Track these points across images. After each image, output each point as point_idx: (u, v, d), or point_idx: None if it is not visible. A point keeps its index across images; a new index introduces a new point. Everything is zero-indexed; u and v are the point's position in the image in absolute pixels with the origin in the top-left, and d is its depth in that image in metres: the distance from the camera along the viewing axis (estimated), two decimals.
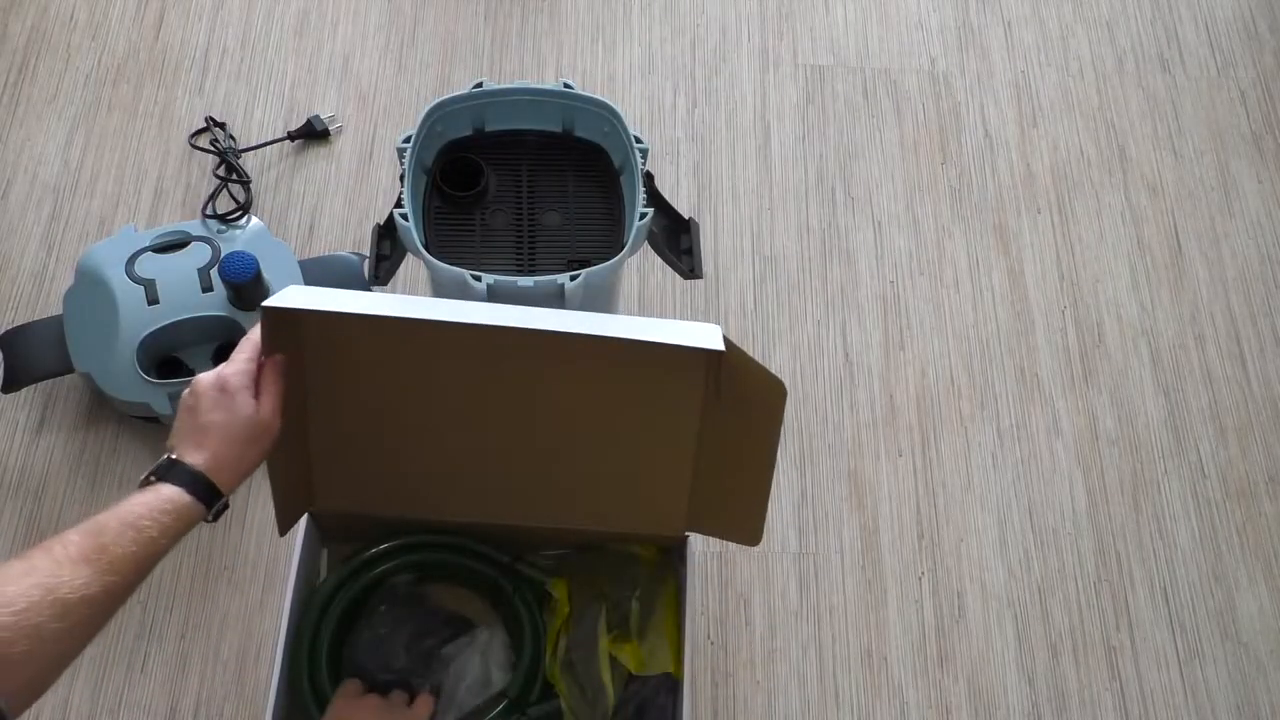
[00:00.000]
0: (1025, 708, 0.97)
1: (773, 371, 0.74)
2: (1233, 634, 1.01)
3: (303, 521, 0.89)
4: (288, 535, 0.86)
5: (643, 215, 0.83)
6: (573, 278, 0.81)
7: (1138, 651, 1.00)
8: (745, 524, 0.85)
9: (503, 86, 0.88)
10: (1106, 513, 1.05)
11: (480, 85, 0.88)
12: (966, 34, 1.29)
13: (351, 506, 0.89)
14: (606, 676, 0.87)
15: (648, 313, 1.11)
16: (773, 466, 0.80)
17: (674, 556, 0.93)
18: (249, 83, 1.20)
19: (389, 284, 0.92)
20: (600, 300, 0.89)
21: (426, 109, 0.86)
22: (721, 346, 0.70)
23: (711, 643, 0.98)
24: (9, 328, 1.02)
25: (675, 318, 1.11)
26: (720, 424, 0.79)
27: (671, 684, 0.88)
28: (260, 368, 0.72)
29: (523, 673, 0.88)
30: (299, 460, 0.84)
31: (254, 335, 0.74)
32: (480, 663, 0.88)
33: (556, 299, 0.82)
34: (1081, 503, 1.05)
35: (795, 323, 1.12)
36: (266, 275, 1.00)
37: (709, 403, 0.79)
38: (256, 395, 0.71)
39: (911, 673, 0.98)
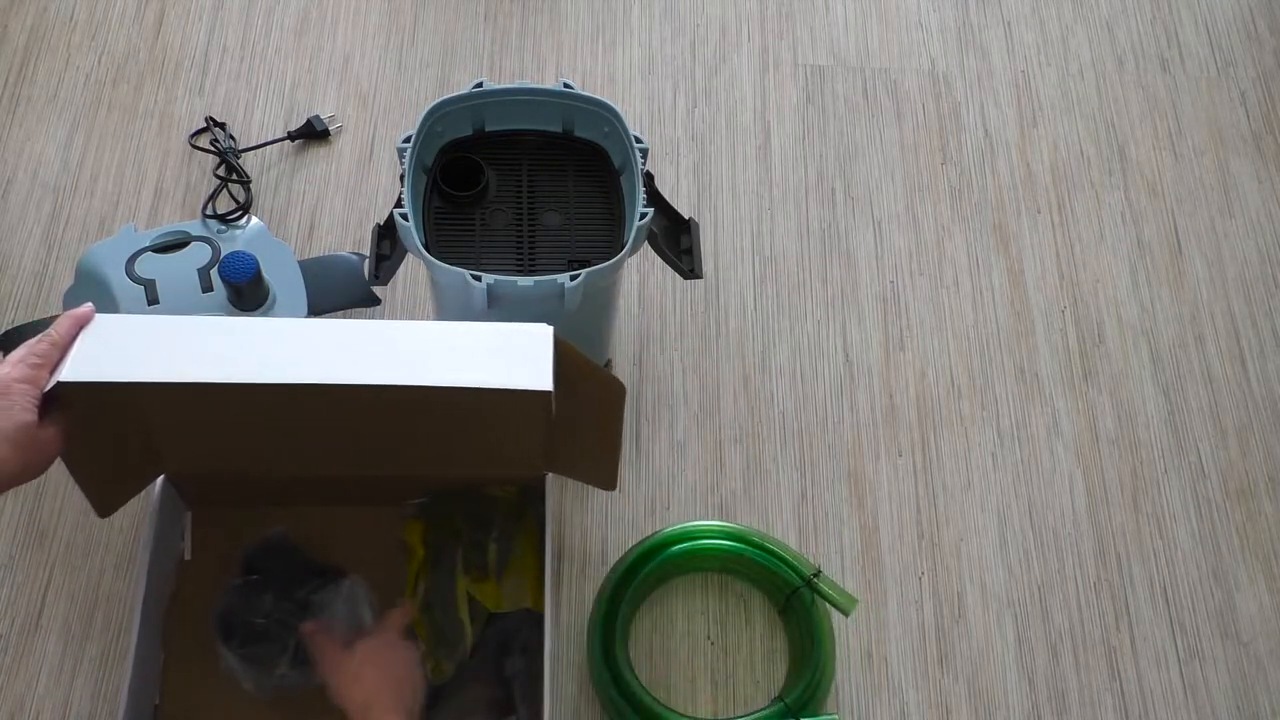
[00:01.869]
0: (1025, 708, 0.97)
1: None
2: (1233, 634, 1.01)
3: (158, 486, 0.89)
4: (150, 499, 0.87)
5: (643, 215, 0.83)
6: (573, 278, 0.81)
7: (1138, 651, 1.00)
8: (601, 473, 0.90)
9: (503, 86, 0.88)
10: (1106, 513, 1.05)
11: (480, 85, 0.88)
12: (966, 34, 1.29)
13: (206, 468, 0.89)
14: (464, 615, 0.90)
15: (648, 312, 1.11)
16: (620, 431, 0.86)
17: (533, 495, 0.94)
18: (249, 83, 1.20)
19: (389, 284, 0.92)
20: (600, 300, 0.90)
21: (426, 109, 0.86)
22: (548, 385, 0.71)
23: (711, 643, 0.98)
24: (8, 328, 1.02)
25: (675, 318, 1.11)
26: (567, 408, 0.80)
27: (535, 618, 0.90)
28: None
29: (804, 682, 0.92)
30: (137, 432, 0.84)
31: (56, 331, 0.72)
32: (346, 607, 0.90)
33: (556, 299, 0.82)
34: (1081, 503, 1.05)
35: (795, 323, 1.12)
36: (266, 275, 1.00)
37: (548, 416, 0.80)
38: (43, 405, 0.69)
39: (911, 673, 0.98)
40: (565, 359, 0.76)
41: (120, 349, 0.74)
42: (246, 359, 0.74)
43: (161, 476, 0.90)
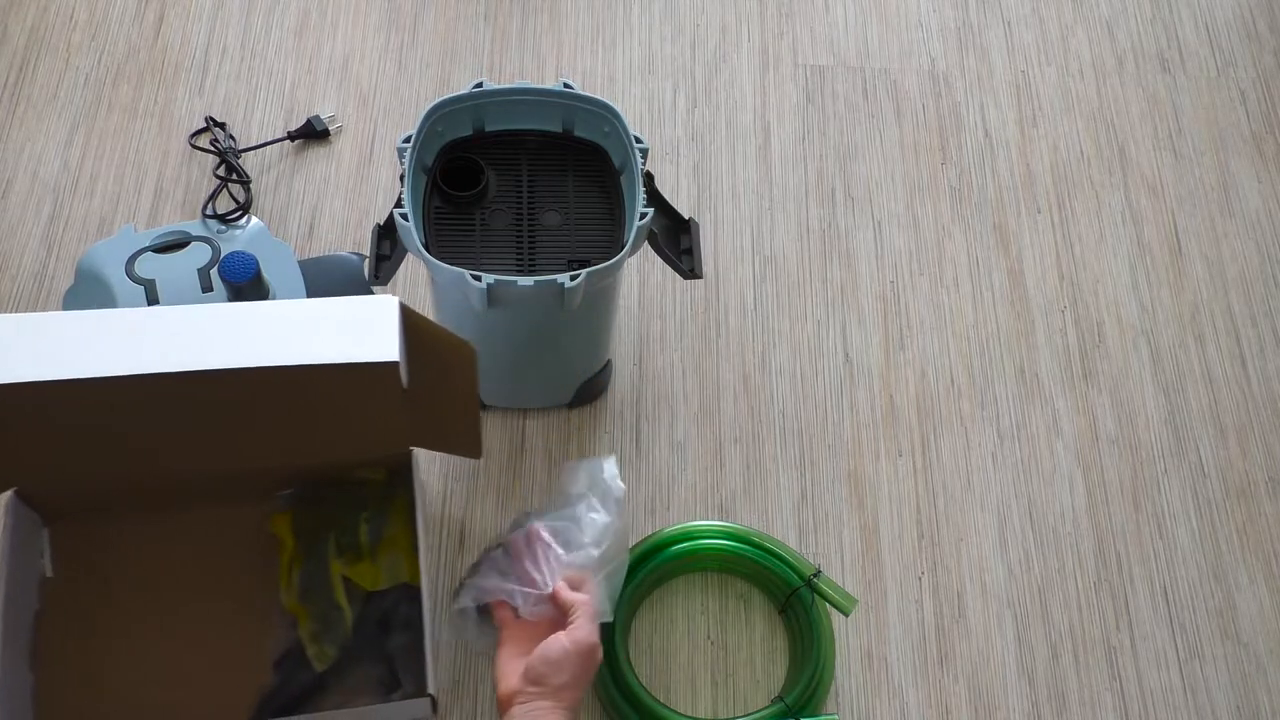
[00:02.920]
0: (1025, 708, 0.97)
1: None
2: (1233, 634, 1.01)
3: (6, 502, 0.87)
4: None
5: (643, 215, 0.83)
6: (573, 278, 0.81)
7: (1138, 651, 1.00)
8: (466, 442, 0.90)
9: (503, 86, 0.88)
10: (1106, 513, 1.05)
11: (480, 85, 0.88)
12: (966, 34, 1.29)
13: (56, 478, 0.86)
14: (341, 598, 0.90)
15: (648, 312, 1.11)
16: (476, 395, 0.86)
17: (400, 479, 0.94)
18: (249, 83, 1.20)
19: (389, 284, 0.92)
20: (600, 300, 0.90)
21: (426, 109, 0.86)
22: (394, 356, 0.70)
23: (711, 642, 0.98)
24: None
25: (675, 318, 1.11)
26: (421, 378, 0.80)
27: (414, 593, 0.90)
28: None
29: (804, 682, 0.92)
30: None
31: None
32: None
33: (556, 299, 0.82)
34: (1081, 503, 1.05)
35: (795, 323, 1.12)
36: (266, 275, 1.00)
37: (401, 388, 0.78)
38: None
39: (911, 673, 0.98)
40: (414, 328, 0.74)
41: None
42: (77, 354, 0.71)
43: (9, 492, 0.87)
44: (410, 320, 0.75)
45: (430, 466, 1.03)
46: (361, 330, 0.73)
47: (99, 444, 0.83)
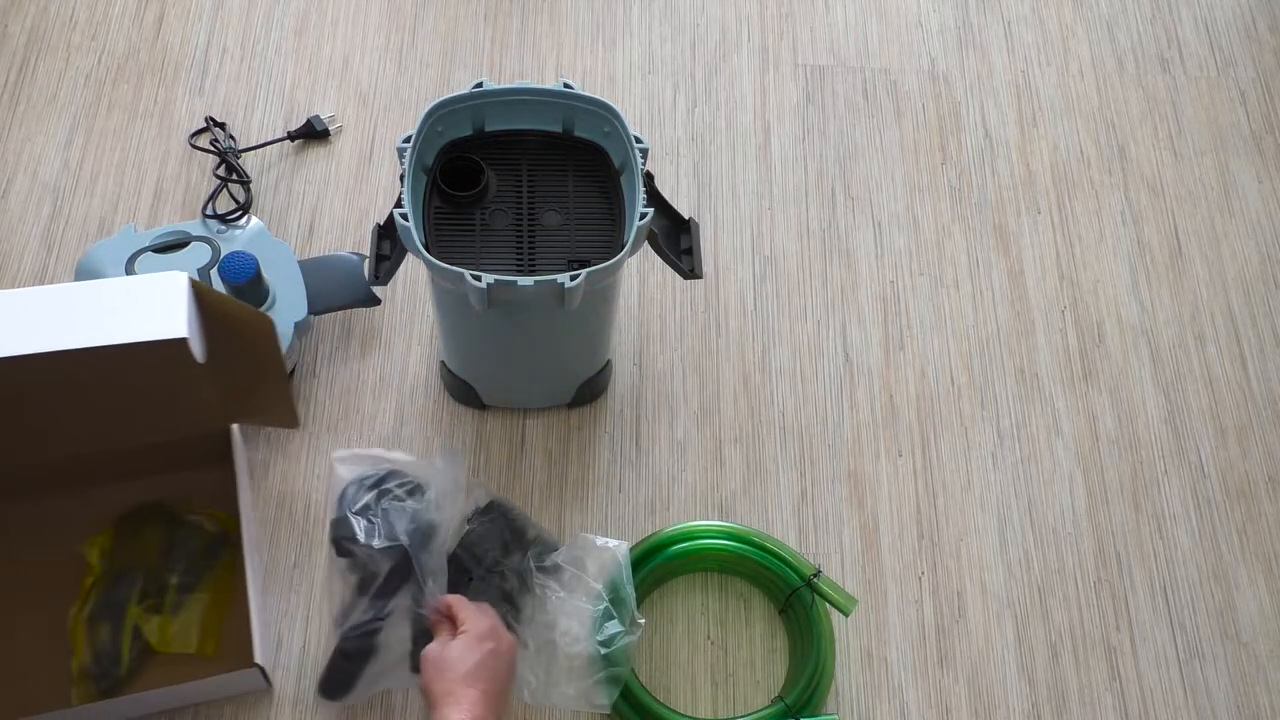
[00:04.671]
0: (1025, 708, 0.97)
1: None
2: (1233, 634, 1.01)
3: None
4: None
5: (643, 215, 0.83)
6: (573, 278, 0.81)
7: (1138, 651, 1.00)
8: (281, 413, 0.90)
9: (503, 86, 0.88)
10: (1106, 513, 1.05)
11: (480, 85, 0.88)
12: (966, 34, 1.29)
13: None
14: (126, 647, 0.89)
15: (648, 312, 1.11)
16: (283, 363, 0.87)
17: (234, 536, 0.93)
18: (249, 83, 1.20)
19: (389, 284, 0.92)
20: (600, 300, 0.89)
21: (426, 109, 0.86)
22: (183, 332, 0.70)
23: (711, 643, 0.98)
24: None
25: (675, 318, 1.11)
26: (224, 354, 0.80)
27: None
28: None
29: (804, 682, 0.91)
30: None
31: None
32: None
33: (556, 299, 0.82)
34: (1081, 503, 1.05)
35: (795, 323, 1.12)
36: (266, 275, 1.00)
37: (198, 364, 0.78)
38: None
39: (911, 673, 0.98)
40: (208, 304, 0.73)
41: None
42: None
43: None
44: (204, 296, 0.74)
45: (430, 464, 1.02)
46: (150, 309, 0.73)
47: None
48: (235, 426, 0.94)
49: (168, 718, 0.91)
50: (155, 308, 0.73)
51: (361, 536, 0.91)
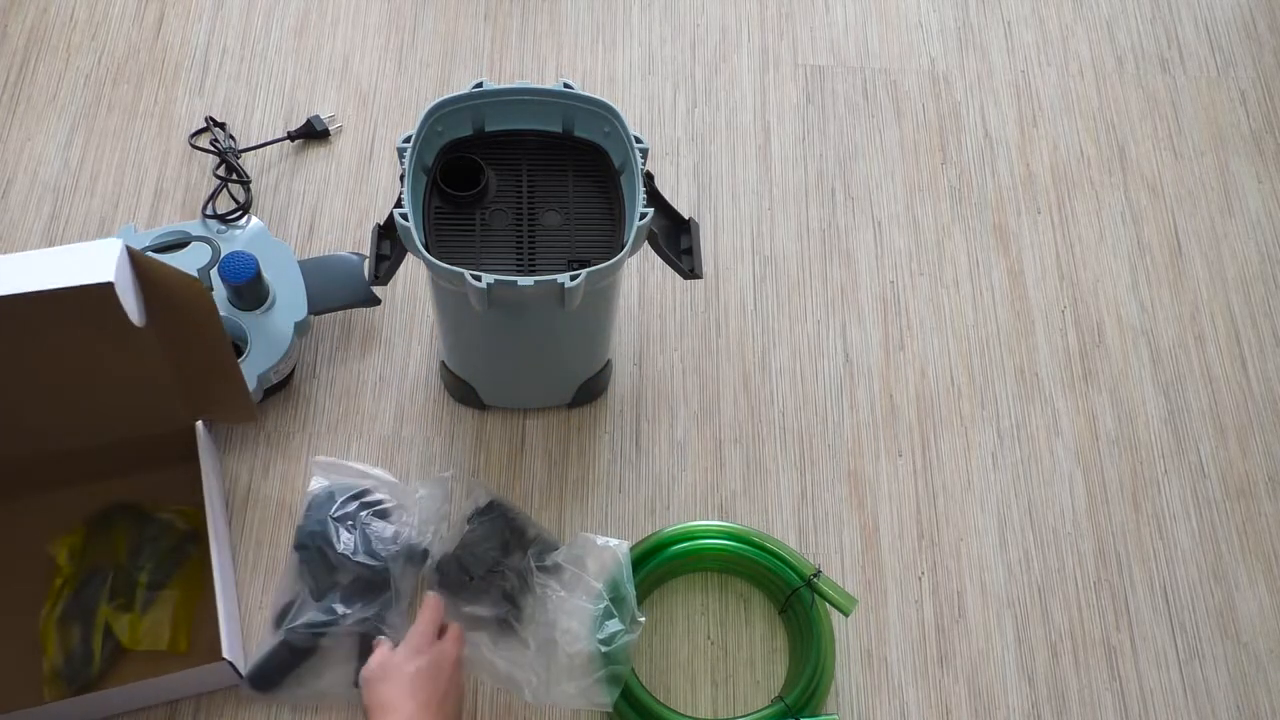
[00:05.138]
0: (1025, 708, 0.97)
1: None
2: (1233, 634, 1.01)
3: None
4: None
5: (643, 215, 0.83)
6: (573, 278, 0.81)
7: (1138, 651, 1.00)
8: (236, 405, 0.91)
9: (503, 86, 0.88)
10: (1106, 513, 1.05)
11: (480, 85, 0.88)
12: (966, 34, 1.29)
13: None
14: (98, 646, 0.89)
15: (648, 312, 1.11)
16: (228, 342, 0.87)
17: (203, 536, 0.93)
18: (249, 83, 1.20)
19: (389, 284, 0.92)
20: (600, 300, 0.89)
21: (426, 109, 0.86)
22: (109, 276, 0.71)
23: (711, 643, 0.98)
24: None
25: (675, 318, 1.11)
26: (169, 328, 0.80)
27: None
28: None
29: (804, 682, 0.92)
30: None
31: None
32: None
33: (556, 299, 0.82)
34: (1081, 503, 1.05)
35: (795, 323, 1.12)
36: (266, 275, 1.00)
37: (129, 322, 0.78)
38: None
39: (911, 673, 0.98)
40: (144, 270, 0.74)
41: None
42: None
43: None
44: (139, 262, 0.75)
45: (429, 469, 1.03)
46: (82, 263, 0.73)
47: None
48: (200, 424, 0.95)
49: (140, 714, 0.91)
50: (87, 262, 0.73)
51: (340, 545, 0.92)
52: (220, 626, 0.87)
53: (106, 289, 0.72)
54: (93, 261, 0.73)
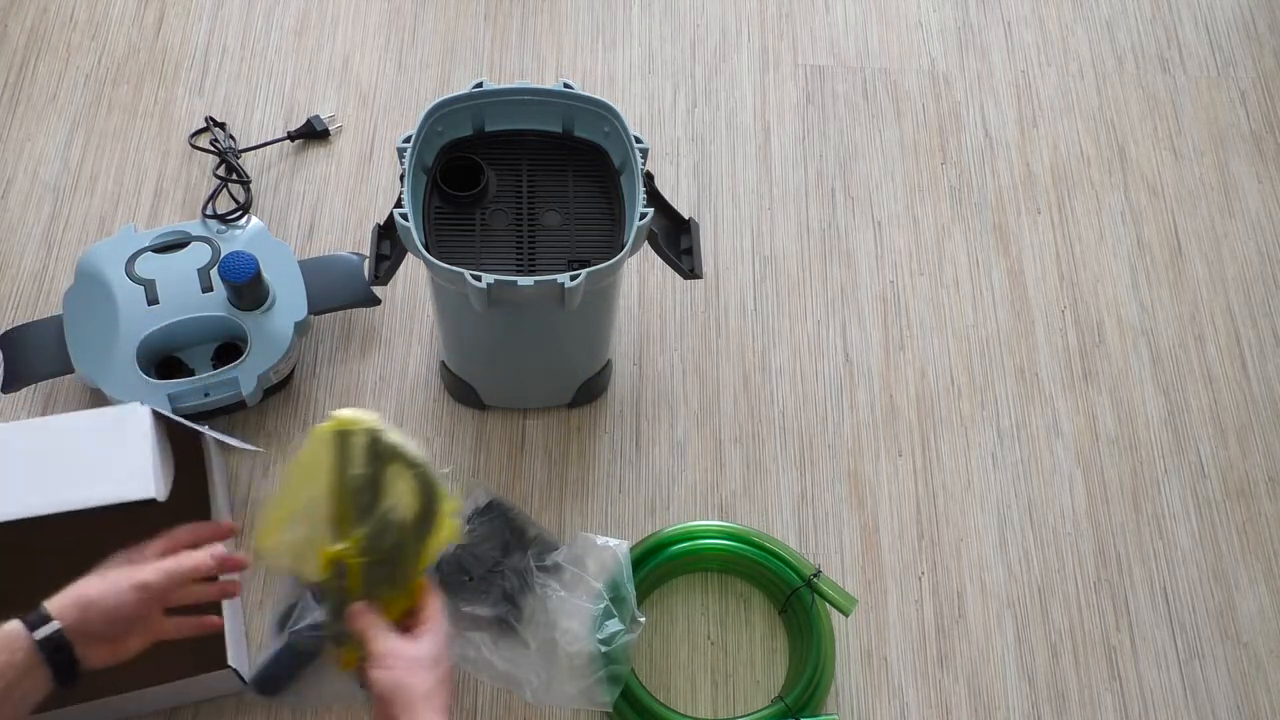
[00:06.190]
0: (1025, 708, 0.97)
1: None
2: (1233, 634, 1.01)
3: None
4: None
5: (643, 215, 0.83)
6: (573, 278, 0.81)
7: (1138, 651, 1.00)
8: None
9: (503, 86, 0.88)
10: (1106, 513, 1.05)
11: (480, 85, 0.88)
12: (966, 34, 1.29)
13: None
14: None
15: (648, 312, 1.11)
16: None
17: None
18: (249, 83, 1.20)
19: (389, 284, 0.92)
20: (600, 300, 0.90)
21: (426, 109, 0.86)
22: (151, 493, 0.72)
23: (711, 643, 0.98)
24: (9, 328, 1.02)
25: (675, 318, 1.11)
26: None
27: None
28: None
29: (804, 682, 0.91)
30: None
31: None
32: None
33: (556, 299, 0.82)
34: (1081, 503, 1.05)
35: (795, 323, 1.12)
36: (266, 275, 1.00)
37: None
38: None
39: (911, 673, 0.98)
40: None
41: None
42: None
43: None
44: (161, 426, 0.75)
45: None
46: (117, 469, 0.74)
47: None
48: (207, 435, 0.94)
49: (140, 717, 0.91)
50: (124, 468, 0.74)
51: None
52: (226, 634, 0.86)
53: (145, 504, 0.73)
54: (130, 467, 0.72)
